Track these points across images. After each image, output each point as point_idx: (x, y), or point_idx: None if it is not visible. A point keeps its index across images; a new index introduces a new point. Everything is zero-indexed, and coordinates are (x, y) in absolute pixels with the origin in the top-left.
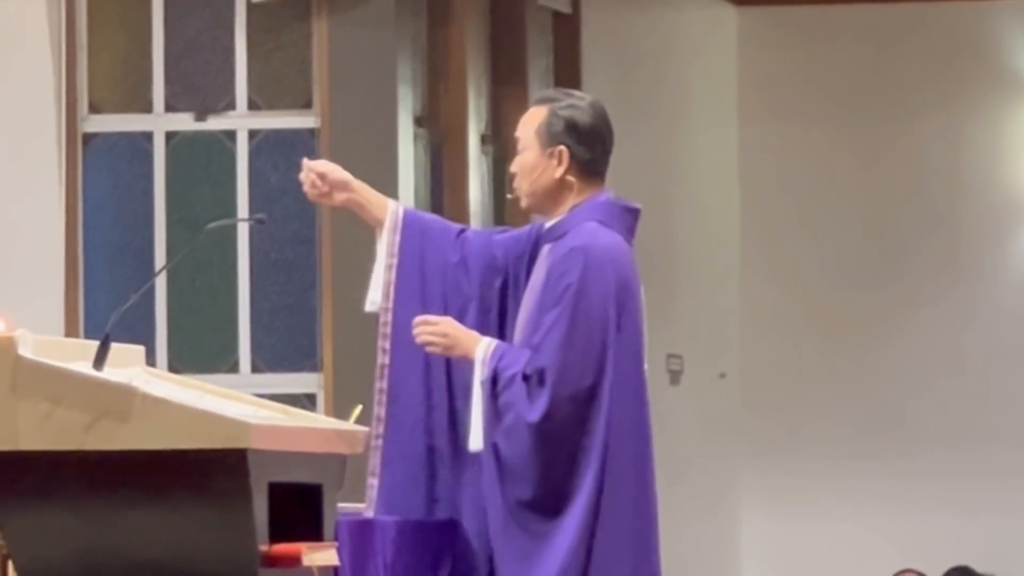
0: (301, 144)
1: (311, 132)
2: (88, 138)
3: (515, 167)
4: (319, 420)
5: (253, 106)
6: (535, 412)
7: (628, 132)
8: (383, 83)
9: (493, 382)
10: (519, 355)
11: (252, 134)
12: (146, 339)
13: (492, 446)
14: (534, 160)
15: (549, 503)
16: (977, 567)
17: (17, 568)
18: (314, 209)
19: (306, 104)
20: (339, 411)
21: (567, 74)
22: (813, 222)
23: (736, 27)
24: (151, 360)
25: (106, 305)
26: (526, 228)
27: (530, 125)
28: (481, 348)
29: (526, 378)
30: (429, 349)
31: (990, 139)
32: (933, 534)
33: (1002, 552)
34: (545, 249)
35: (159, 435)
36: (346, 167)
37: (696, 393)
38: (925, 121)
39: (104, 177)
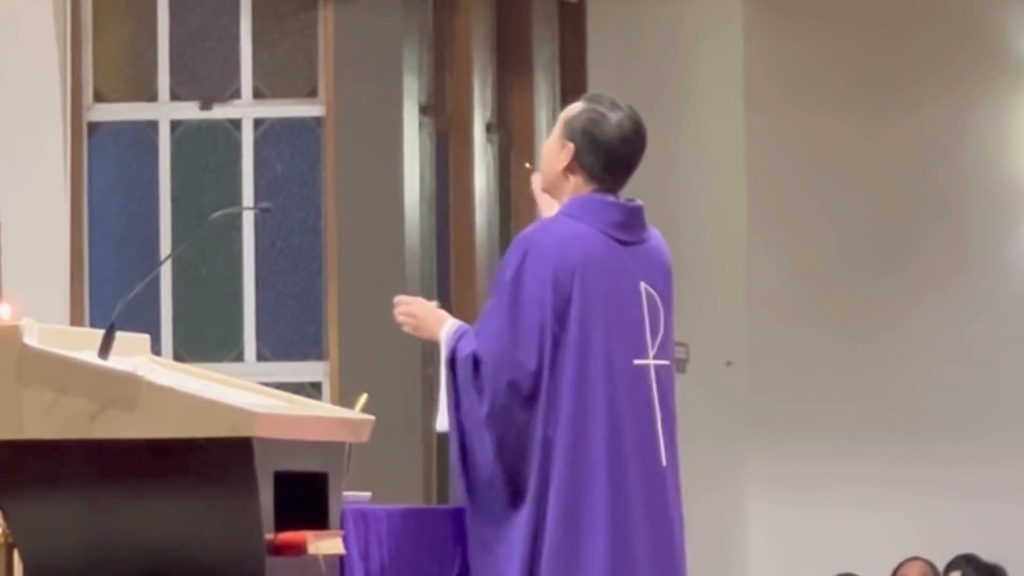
0: (306, 133)
1: (316, 121)
2: (93, 127)
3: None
4: (325, 408)
5: (258, 95)
6: (484, 405)
7: None
8: (388, 72)
9: (452, 363)
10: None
11: (257, 123)
12: (151, 328)
13: (456, 425)
14: (551, 145)
15: (507, 489)
16: (984, 554)
17: (23, 556)
18: (319, 197)
19: (311, 93)
20: (345, 399)
21: (573, 63)
22: (819, 209)
23: (742, 14)
24: (156, 349)
25: (111, 294)
26: None
27: (565, 114)
28: (444, 329)
29: (475, 360)
30: (404, 329)
31: (996, 126)
32: (940, 521)
33: (1009, 539)
34: None
35: (164, 424)
36: (351, 156)
37: (702, 381)
38: (931, 108)
39: (109, 166)
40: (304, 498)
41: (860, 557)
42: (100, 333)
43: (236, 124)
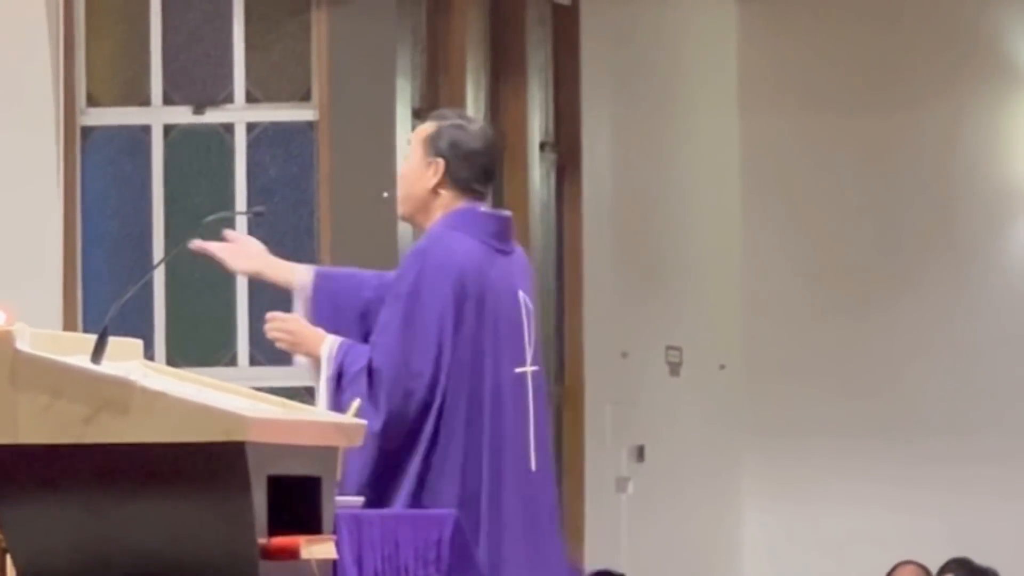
0: (300, 136)
1: (310, 125)
2: (86, 131)
3: (398, 175)
4: (317, 413)
5: (251, 99)
6: (379, 417)
7: (628, 122)
8: (382, 75)
9: (338, 379)
10: (362, 351)
11: (250, 127)
12: (144, 332)
13: None
14: (413, 167)
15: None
16: (979, 554)
17: (16, 561)
18: (313, 201)
19: (305, 97)
20: None
21: (566, 66)
22: (814, 211)
23: (736, 17)
24: (149, 353)
25: (105, 298)
26: None
27: (418, 136)
28: (326, 346)
29: (370, 373)
30: (278, 345)
31: (990, 128)
32: (935, 522)
33: (1003, 541)
34: None
35: (158, 428)
36: (345, 159)
37: (697, 384)
38: (925, 110)
39: (102, 170)
40: (297, 502)
41: (855, 558)
42: (93, 338)
43: (229, 128)
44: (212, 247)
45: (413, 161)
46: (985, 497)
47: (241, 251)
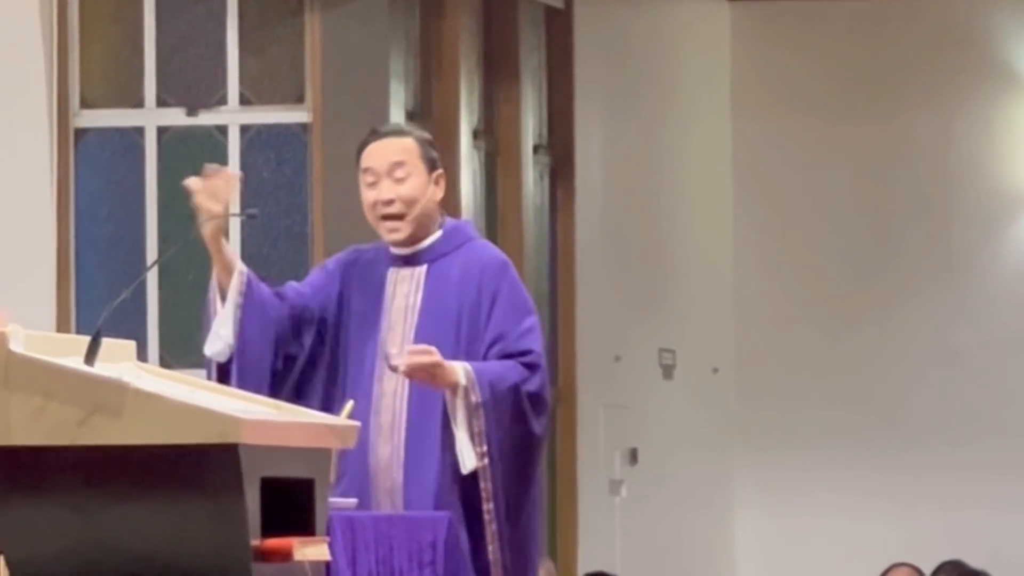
0: (293, 139)
1: (303, 127)
2: (80, 133)
3: (403, 191)
4: (310, 415)
5: (245, 101)
6: (539, 425)
7: (621, 126)
8: (375, 78)
9: (495, 398)
10: (501, 368)
11: (244, 129)
12: (138, 334)
13: (498, 452)
14: (423, 185)
15: None
16: (971, 560)
17: (9, 563)
18: (306, 204)
19: (298, 99)
20: None
21: (560, 69)
22: (806, 215)
23: (729, 21)
24: (143, 355)
25: (98, 300)
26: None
27: (410, 152)
28: (462, 373)
29: (530, 395)
30: (415, 377)
31: (981, 131)
32: (927, 528)
33: (996, 545)
34: (419, 271)
35: (151, 430)
36: (338, 162)
37: (689, 388)
38: (917, 113)
39: (96, 172)
40: (290, 504)
41: (847, 562)
42: (86, 340)
43: (223, 130)
44: (194, 184)
45: (420, 179)
46: (978, 503)
47: (214, 193)
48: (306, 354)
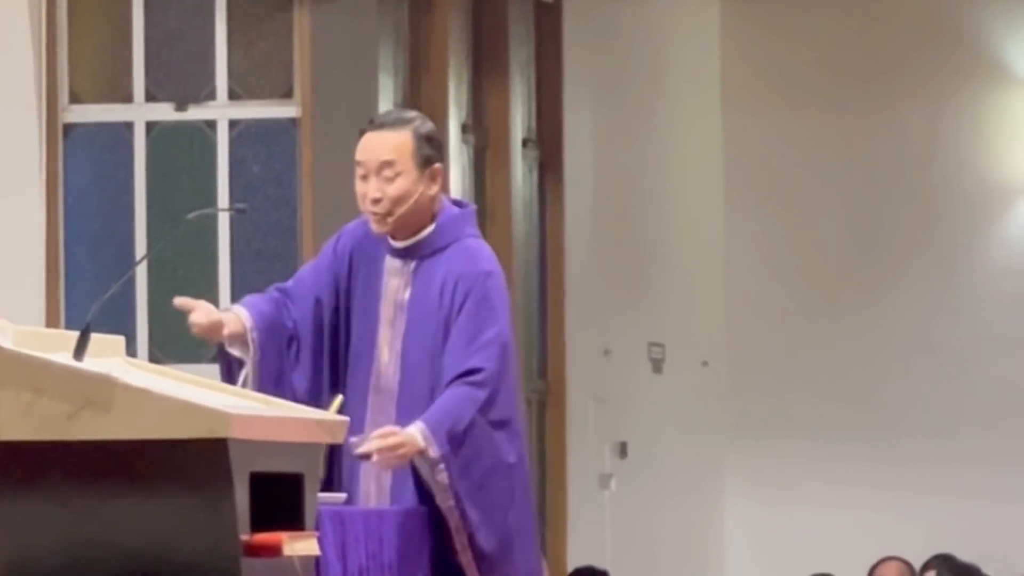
0: (282, 134)
1: (292, 122)
2: (68, 128)
3: (391, 192)
4: (300, 410)
5: (234, 96)
6: (512, 453)
7: (611, 121)
8: (364, 73)
9: (454, 446)
10: (455, 406)
11: (233, 124)
12: (127, 329)
13: (461, 495)
14: (412, 185)
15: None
16: (960, 553)
17: None
18: (295, 198)
19: (287, 94)
20: None
21: (549, 63)
22: (797, 209)
23: (719, 14)
24: (132, 350)
25: (87, 295)
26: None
27: (401, 150)
28: (419, 435)
29: (492, 423)
30: (389, 465)
31: (971, 127)
32: (916, 520)
33: (986, 538)
34: (408, 268)
35: (140, 425)
36: (327, 157)
37: (679, 381)
38: (907, 108)
39: (85, 167)
40: (280, 499)
41: (837, 556)
42: (75, 335)
43: (211, 125)
44: (187, 303)
45: (409, 178)
46: (966, 495)
47: (207, 311)
48: (312, 331)
